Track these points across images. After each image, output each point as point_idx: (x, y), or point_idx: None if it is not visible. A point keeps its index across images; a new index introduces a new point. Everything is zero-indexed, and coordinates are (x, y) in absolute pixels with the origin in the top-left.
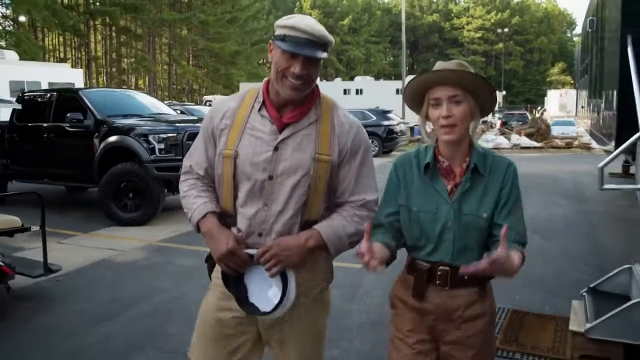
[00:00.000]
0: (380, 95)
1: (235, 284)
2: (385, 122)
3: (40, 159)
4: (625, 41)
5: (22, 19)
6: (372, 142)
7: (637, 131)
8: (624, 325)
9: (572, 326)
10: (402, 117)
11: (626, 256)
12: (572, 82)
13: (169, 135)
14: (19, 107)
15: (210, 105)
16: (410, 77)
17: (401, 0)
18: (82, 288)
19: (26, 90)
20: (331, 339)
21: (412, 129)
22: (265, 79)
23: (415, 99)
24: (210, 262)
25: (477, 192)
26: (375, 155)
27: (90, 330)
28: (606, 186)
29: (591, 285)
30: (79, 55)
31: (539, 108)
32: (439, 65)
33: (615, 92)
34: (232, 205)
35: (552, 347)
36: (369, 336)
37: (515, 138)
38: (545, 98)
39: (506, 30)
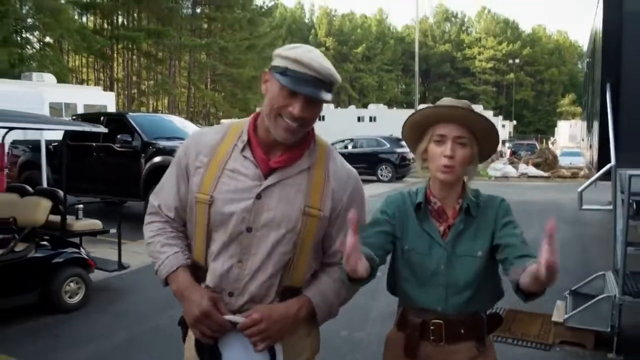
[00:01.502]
0: (393, 123)
1: (210, 353)
2: (399, 150)
3: (89, 175)
4: (605, 88)
5: (47, 40)
6: (386, 168)
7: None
8: (594, 316)
9: (554, 318)
10: None
11: (607, 268)
12: (582, 113)
13: None
14: (106, 131)
15: None
16: (422, 106)
17: (414, 30)
18: (145, 283)
19: (63, 112)
20: (357, 324)
21: None
22: (253, 114)
23: (415, 131)
24: (184, 324)
25: (470, 232)
26: (389, 181)
27: (161, 315)
28: (585, 207)
29: (572, 288)
30: (100, 77)
31: (551, 139)
32: (448, 101)
33: (597, 129)
34: (204, 257)
35: (538, 335)
36: (389, 323)
37: (523, 167)
38: (556, 128)
39: (517, 61)
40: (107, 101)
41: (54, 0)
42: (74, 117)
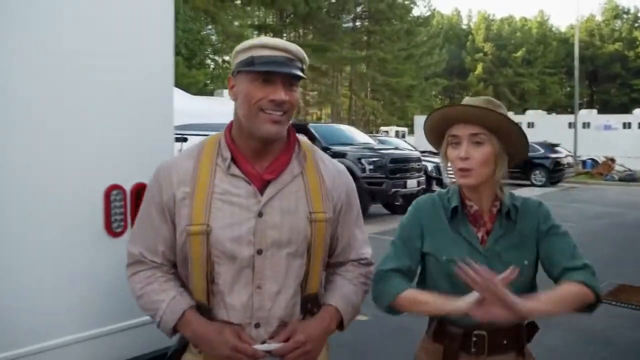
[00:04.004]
0: (552, 128)
1: None
2: (553, 155)
3: None
4: None
5: (227, 59)
6: (539, 173)
7: None
8: None
9: None
10: (574, 151)
11: None
12: None
13: (376, 159)
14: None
15: (386, 134)
16: (585, 111)
17: (576, 30)
18: None
19: None
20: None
21: (583, 162)
22: (226, 126)
23: (435, 134)
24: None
25: (513, 239)
26: (542, 185)
27: None
28: None
29: None
30: None
31: None
32: (466, 100)
33: None
34: (205, 295)
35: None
36: None
37: None
38: None
39: None
40: None
41: (238, 26)
42: None
